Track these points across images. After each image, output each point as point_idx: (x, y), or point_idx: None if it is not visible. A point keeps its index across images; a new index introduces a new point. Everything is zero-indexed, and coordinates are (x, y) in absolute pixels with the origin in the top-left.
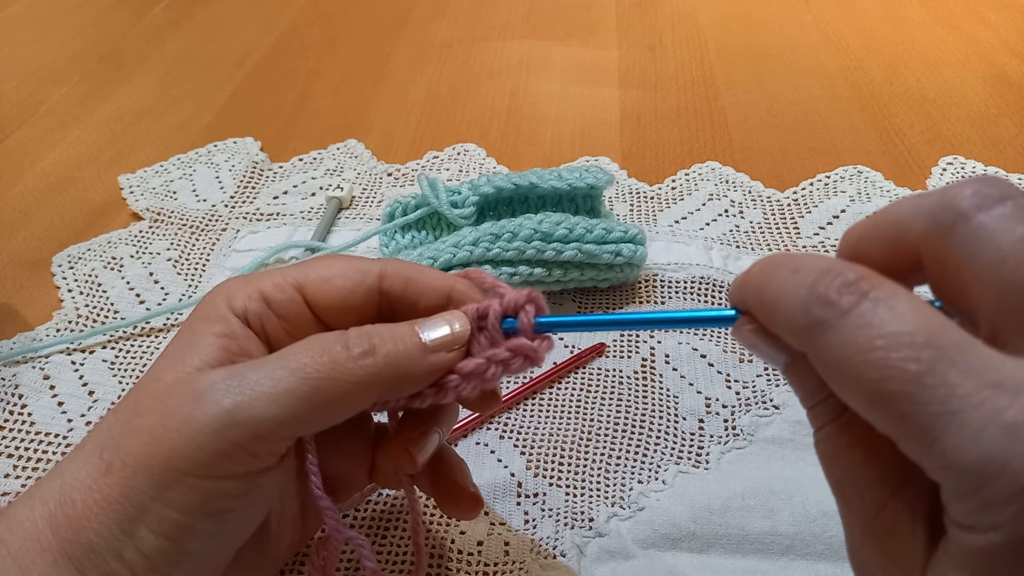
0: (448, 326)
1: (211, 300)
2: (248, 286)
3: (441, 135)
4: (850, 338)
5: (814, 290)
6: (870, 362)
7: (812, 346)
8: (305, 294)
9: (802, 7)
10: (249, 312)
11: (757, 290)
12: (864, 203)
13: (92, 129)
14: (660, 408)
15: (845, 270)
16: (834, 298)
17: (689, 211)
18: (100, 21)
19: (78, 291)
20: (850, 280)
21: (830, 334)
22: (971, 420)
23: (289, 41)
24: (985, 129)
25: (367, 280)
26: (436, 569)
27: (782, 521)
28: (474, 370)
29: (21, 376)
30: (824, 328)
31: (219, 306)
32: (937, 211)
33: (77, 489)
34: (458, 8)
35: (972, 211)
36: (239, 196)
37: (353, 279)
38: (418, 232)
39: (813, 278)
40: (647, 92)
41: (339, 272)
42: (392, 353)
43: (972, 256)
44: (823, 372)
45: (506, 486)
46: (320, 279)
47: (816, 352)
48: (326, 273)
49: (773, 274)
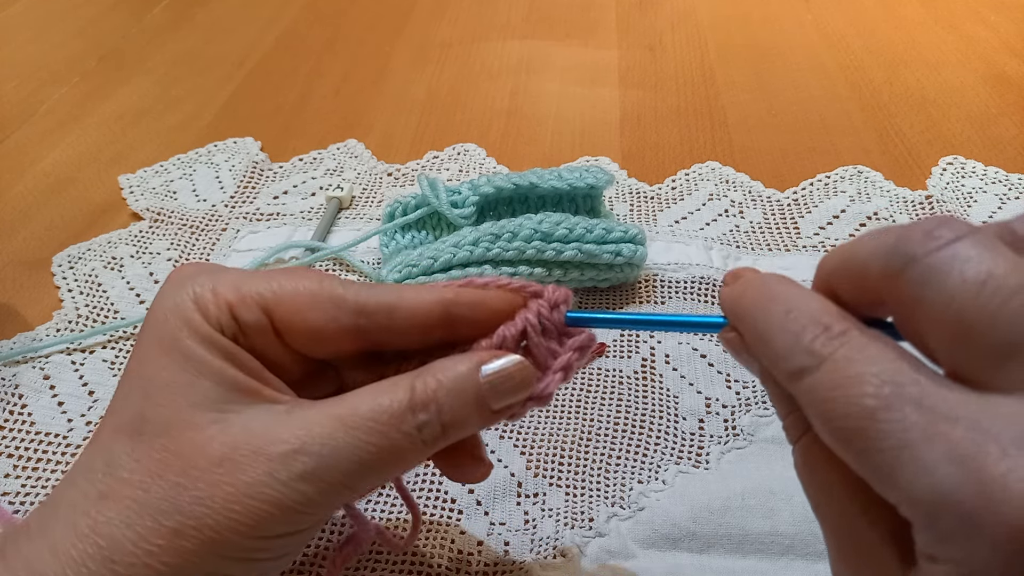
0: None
1: (181, 313)
2: (217, 297)
3: (441, 135)
4: (822, 380)
5: (801, 340)
6: (835, 400)
7: (795, 389)
8: (272, 320)
9: (802, 7)
10: (224, 326)
11: (750, 321)
12: (864, 203)
13: (92, 129)
14: (660, 408)
15: (830, 319)
16: (816, 348)
17: (689, 211)
18: (100, 21)
19: (78, 291)
20: (831, 328)
21: (809, 379)
22: (923, 453)
23: (289, 41)
24: (985, 129)
25: (341, 317)
26: (436, 569)
27: (782, 521)
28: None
29: (21, 376)
30: (805, 374)
31: (198, 322)
32: (891, 253)
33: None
34: (458, 8)
35: (921, 254)
36: (239, 196)
37: (327, 314)
38: (418, 232)
39: (803, 326)
40: (647, 92)
41: (310, 303)
42: (458, 428)
43: (922, 298)
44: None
45: (506, 486)
46: (289, 311)
47: (797, 395)
48: (295, 303)
49: (768, 309)
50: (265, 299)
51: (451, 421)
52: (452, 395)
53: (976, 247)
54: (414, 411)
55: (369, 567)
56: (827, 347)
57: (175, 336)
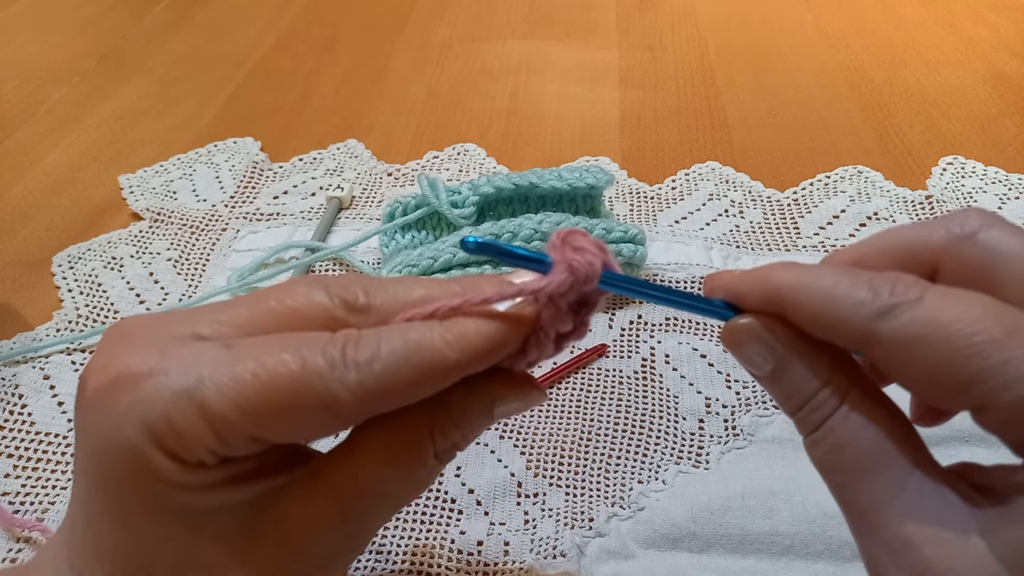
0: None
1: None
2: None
3: (441, 135)
4: (932, 313)
5: (876, 283)
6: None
7: (890, 322)
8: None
9: (802, 7)
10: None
11: (804, 289)
12: (864, 203)
13: (92, 129)
14: (660, 408)
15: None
16: (902, 289)
17: (689, 211)
18: (100, 21)
19: (78, 291)
20: (909, 281)
21: (910, 314)
22: None
23: (289, 41)
24: (985, 129)
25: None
26: (436, 569)
27: (782, 521)
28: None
29: (21, 376)
30: (901, 311)
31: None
32: (952, 228)
33: None
34: (458, 8)
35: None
36: (239, 196)
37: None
38: (418, 232)
39: (872, 277)
40: (647, 92)
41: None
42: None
43: (999, 253)
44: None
45: (506, 486)
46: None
47: (895, 328)
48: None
49: (821, 275)
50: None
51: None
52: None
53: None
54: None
55: (369, 567)
56: (916, 291)
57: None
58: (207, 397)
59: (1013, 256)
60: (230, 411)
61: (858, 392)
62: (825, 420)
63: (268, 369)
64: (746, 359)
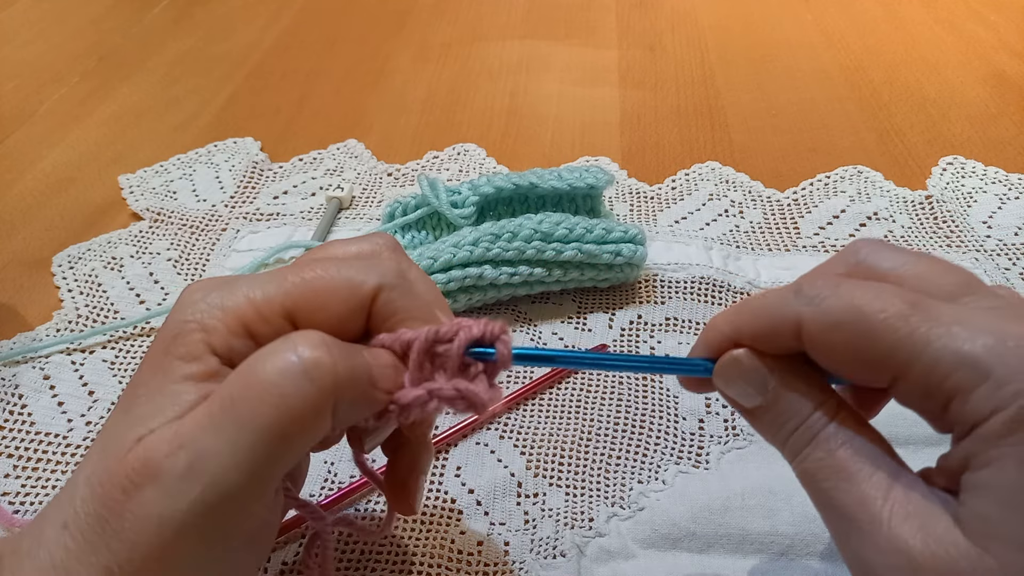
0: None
1: (183, 331)
2: (227, 316)
3: (441, 135)
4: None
5: (799, 286)
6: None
7: (813, 310)
8: (295, 322)
9: (802, 7)
10: (233, 351)
11: (740, 309)
12: (864, 203)
13: (92, 129)
14: (660, 408)
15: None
16: (821, 283)
17: (689, 211)
18: (100, 21)
19: (78, 291)
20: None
21: (830, 300)
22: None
23: (289, 41)
24: (985, 129)
25: (363, 302)
26: (436, 569)
27: (782, 521)
28: (412, 402)
29: (21, 376)
30: (822, 299)
31: (193, 343)
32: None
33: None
34: (458, 8)
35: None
36: (239, 196)
37: (349, 304)
38: (418, 232)
39: (790, 285)
40: (647, 92)
41: (333, 295)
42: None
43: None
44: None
45: (506, 486)
46: (314, 306)
47: (818, 314)
48: (320, 299)
49: (748, 301)
50: (285, 306)
51: (331, 354)
52: (332, 339)
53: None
54: (294, 348)
55: (369, 567)
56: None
57: (164, 353)
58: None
59: (899, 269)
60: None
61: (846, 411)
62: (817, 433)
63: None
64: (739, 393)
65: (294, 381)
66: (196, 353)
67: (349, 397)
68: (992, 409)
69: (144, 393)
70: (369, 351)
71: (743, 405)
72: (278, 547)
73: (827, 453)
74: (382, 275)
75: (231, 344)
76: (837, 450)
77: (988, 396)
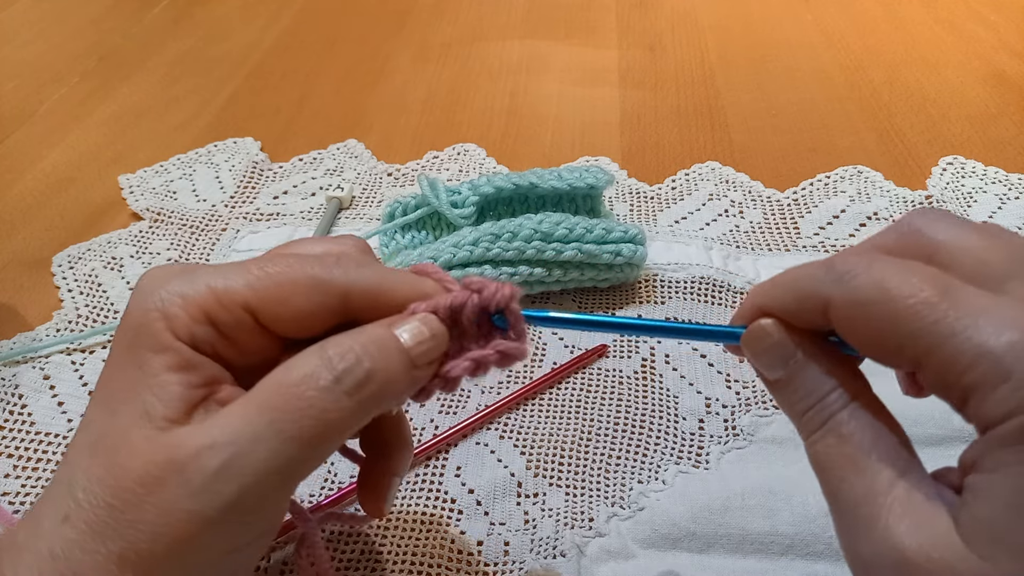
0: (428, 332)
1: (145, 322)
2: (188, 304)
3: (441, 135)
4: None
5: (832, 262)
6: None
7: (842, 288)
8: (256, 315)
9: (802, 7)
10: (197, 338)
11: (773, 284)
12: (864, 203)
13: (92, 129)
14: (660, 408)
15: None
16: (853, 261)
17: (689, 211)
18: (100, 21)
19: (78, 291)
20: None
21: (859, 280)
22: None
23: (289, 41)
24: (985, 129)
25: (328, 300)
26: (436, 569)
27: (782, 521)
28: (460, 375)
29: (21, 376)
30: (851, 277)
31: (159, 332)
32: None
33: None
34: (458, 8)
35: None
36: (239, 196)
37: (312, 301)
38: (418, 232)
39: (824, 260)
40: (647, 92)
41: (295, 290)
42: (384, 379)
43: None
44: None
45: (506, 486)
46: (273, 300)
47: (847, 292)
48: (279, 293)
49: (784, 274)
50: (246, 298)
51: (374, 367)
52: (370, 343)
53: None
54: (329, 364)
55: (369, 567)
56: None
57: (133, 345)
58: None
59: (955, 243)
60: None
61: (866, 397)
62: (832, 416)
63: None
64: (763, 363)
65: (335, 398)
66: (165, 343)
67: (391, 397)
68: (1008, 412)
69: (121, 388)
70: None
71: (766, 376)
72: (277, 547)
73: (837, 440)
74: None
75: (193, 331)
76: (848, 438)
77: (1006, 398)
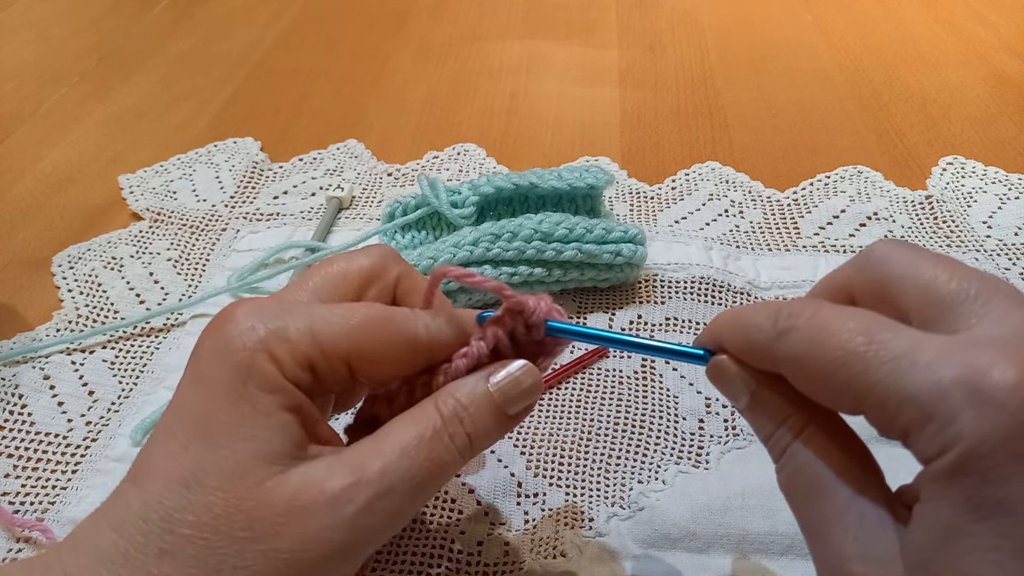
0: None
1: (254, 361)
2: (294, 351)
3: (441, 135)
4: (813, 332)
5: (780, 311)
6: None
7: (782, 344)
8: (351, 367)
9: (802, 7)
10: (300, 382)
11: (731, 322)
12: (864, 203)
13: (92, 129)
14: (660, 408)
15: (797, 302)
16: (797, 311)
17: (689, 211)
18: (100, 21)
19: (78, 291)
20: (805, 305)
21: (797, 334)
22: (921, 356)
23: (289, 41)
24: (985, 129)
25: (418, 359)
26: (436, 569)
27: (782, 521)
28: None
29: (21, 376)
30: (791, 332)
31: (271, 373)
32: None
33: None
34: (458, 8)
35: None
36: (239, 196)
37: (405, 360)
38: (418, 232)
39: (777, 306)
40: (647, 92)
41: (390, 349)
42: (482, 437)
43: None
44: (792, 366)
45: (506, 486)
46: (372, 356)
47: (786, 348)
48: (380, 350)
49: (741, 311)
50: (348, 352)
51: (475, 431)
52: (473, 407)
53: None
54: (447, 426)
55: (369, 566)
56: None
57: (243, 383)
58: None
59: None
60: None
61: (815, 427)
62: (788, 446)
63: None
64: (727, 393)
65: (450, 454)
66: (276, 384)
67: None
68: (939, 450)
69: (227, 421)
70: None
71: (734, 403)
72: None
73: (795, 471)
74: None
75: (298, 376)
76: (802, 468)
77: (933, 438)
